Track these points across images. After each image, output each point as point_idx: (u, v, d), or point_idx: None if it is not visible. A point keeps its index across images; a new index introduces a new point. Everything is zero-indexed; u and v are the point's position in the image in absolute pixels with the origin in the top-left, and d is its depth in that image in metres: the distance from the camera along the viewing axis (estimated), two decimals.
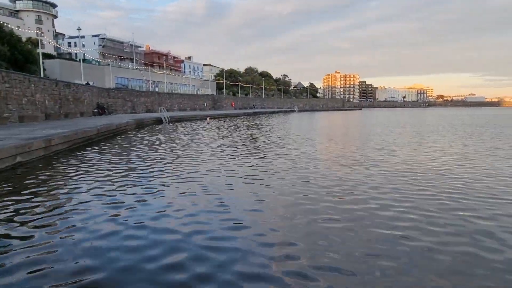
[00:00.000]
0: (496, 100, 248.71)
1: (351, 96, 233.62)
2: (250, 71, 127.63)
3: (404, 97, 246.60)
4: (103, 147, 15.76)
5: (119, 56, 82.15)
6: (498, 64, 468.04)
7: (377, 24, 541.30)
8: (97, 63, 66.36)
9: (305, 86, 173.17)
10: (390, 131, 26.54)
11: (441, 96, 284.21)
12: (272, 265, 4.36)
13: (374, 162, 11.82)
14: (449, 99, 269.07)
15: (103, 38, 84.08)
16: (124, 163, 11.60)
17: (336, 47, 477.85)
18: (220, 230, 5.53)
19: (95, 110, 37.16)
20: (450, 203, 7.04)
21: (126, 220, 5.93)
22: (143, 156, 13.24)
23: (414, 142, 18.45)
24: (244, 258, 4.56)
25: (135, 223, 5.83)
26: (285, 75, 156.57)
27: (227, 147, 16.09)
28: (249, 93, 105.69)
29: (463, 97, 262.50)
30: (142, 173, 9.86)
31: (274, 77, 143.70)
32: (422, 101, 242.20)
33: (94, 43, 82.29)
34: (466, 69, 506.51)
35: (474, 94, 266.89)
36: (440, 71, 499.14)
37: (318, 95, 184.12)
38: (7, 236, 5.25)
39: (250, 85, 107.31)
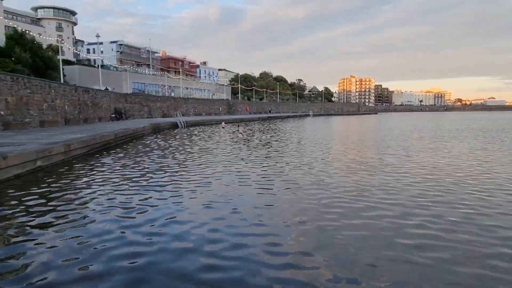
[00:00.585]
0: None
1: (367, 100, 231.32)
2: (264, 75, 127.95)
3: (421, 101, 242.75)
4: (120, 152, 15.97)
5: (136, 61, 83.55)
6: None
7: (391, 27, 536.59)
8: (114, 69, 67.59)
9: (320, 90, 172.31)
10: (408, 136, 26.11)
11: (460, 100, 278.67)
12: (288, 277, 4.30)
13: (393, 169, 11.62)
14: (467, 102, 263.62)
15: (121, 45, 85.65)
16: (140, 168, 11.71)
17: (351, 51, 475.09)
18: (234, 241, 5.50)
19: (113, 115, 37.79)
20: (471, 211, 6.84)
21: (139, 231, 5.92)
22: (159, 161, 13.35)
23: (433, 148, 18.08)
24: (258, 272, 4.51)
25: (147, 234, 5.80)
26: (299, 80, 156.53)
27: (243, 152, 16.10)
28: (264, 98, 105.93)
29: (482, 101, 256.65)
30: (158, 179, 9.92)
31: (289, 82, 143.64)
32: (440, 105, 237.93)
33: (112, 49, 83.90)
34: (484, 73, 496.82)
35: (494, 98, 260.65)
36: (458, 75, 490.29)
37: (333, 99, 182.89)
38: (21, 240, 5.34)
39: (264, 89, 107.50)
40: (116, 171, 11.04)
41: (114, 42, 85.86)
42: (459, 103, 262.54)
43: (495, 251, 4.95)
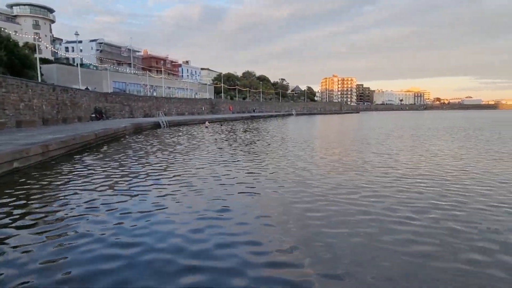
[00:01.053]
0: (493, 102, 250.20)
1: (349, 100, 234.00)
2: (248, 75, 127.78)
3: (401, 100, 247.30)
4: (100, 153, 15.71)
5: (116, 60, 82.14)
6: (494, 67, 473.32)
7: (373, 29, 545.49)
8: (94, 68, 66.29)
9: (303, 89, 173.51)
10: (388, 135, 26.60)
11: (438, 99, 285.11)
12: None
13: (374, 168, 11.81)
14: (446, 102, 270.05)
15: (101, 43, 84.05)
16: (121, 169, 11.54)
17: (333, 51, 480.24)
18: (216, 243, 5.48)
19: (93, 115, 37.06)
20: (445, 210, 7.02)
21: (118, 236, 5.84)
22: (140, 162, 13.19)
23: (413, 146, 18.48)
24: (242, 273, 4.51)
25: (126, 236, 5.74)
26: (282, 79, 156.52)
27: (226, 152, 16.08)
28: (247, 97, 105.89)
29: (460, 100, 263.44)
30: (139, 181, 9.80)
31: (272, 81, 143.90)
32: (419, 104, 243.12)
33: (92, 48, 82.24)
34: (462, 73, 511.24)
35: (471, 97, 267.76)
36: (437, 75, 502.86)
37: (316, 98, 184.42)
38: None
39: (248, 89, 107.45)
40: (95, 172, 10.84)
41: (93, 40, 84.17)
42: (437, 102, 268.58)
43: (472, 246, 5.12)
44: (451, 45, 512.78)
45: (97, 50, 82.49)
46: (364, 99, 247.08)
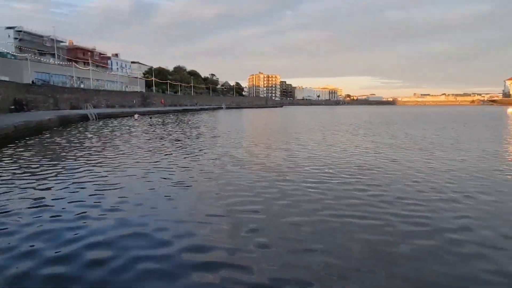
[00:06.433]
0: (391, 99, 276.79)
1: (273, 95, 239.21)
2: (178, 69, 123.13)
3: (318, 96, 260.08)
4: (21, 147, 13.65)
5: (38, 50, 73.34)
6: (392, 70, 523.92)
7: (294, 31, 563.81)
8: (13, 57, 58.29)
9: (232, 85, 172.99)
10: (309, 128, 27.49)
11: (349, 96, 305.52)
12: None
13: (294, 154, 11.86)
14: (355, 98, 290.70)
15: (19, 31, 74.22)
16: (47, 163, 10.03)
17: (259, 51, 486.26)
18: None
19: (13, 107, 32.57)
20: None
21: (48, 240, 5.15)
22: (66, 156, 11.68)
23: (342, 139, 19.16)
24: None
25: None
26: (212, 74, 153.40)
27: (156, 145, 15.06)
28: (179, 91, 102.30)
29: (366, 96, 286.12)
30: (65, 176, 8.56)
31: (202, 76, 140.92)
32: (334, 100, 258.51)
33: (9, 35, 72.17)
34: (367, 73, 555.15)
35: (374, 94, 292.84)
36: (348, 74, 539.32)
37: (244, 93, 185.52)
38: None
39: (179, 83, 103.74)
40: (12, 168, 9.25)
41: (11, 28, 73.94)
42: (348, 98, 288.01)
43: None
44: (360, 50, 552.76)
45: (16, 38, 72.70)
46: (287, 95, 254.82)
